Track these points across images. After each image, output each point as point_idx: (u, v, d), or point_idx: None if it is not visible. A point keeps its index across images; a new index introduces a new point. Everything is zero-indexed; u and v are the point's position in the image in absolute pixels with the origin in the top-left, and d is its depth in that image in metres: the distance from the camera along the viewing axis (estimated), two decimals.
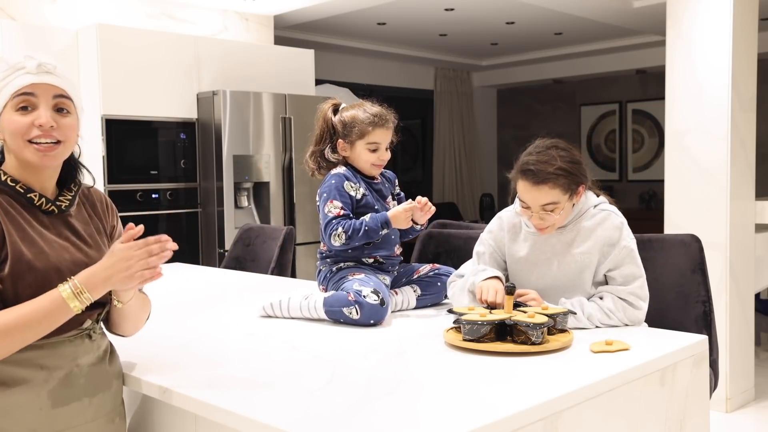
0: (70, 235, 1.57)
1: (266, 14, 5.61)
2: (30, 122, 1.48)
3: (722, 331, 3.88)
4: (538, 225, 2.03)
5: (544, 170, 1.95)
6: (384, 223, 2.21)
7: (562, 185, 1.96)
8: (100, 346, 1.60)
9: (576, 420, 1.45)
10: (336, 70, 7.66)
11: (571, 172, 1.98)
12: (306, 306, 2.14)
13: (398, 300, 2.26)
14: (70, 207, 1.57)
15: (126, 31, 4.48)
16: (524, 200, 2.01)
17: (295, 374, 1.59)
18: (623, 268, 2.03)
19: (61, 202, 1.56)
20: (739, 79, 3.93)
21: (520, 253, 2.13)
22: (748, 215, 4.06)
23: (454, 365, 1.64)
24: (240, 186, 4.78)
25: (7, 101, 1.49)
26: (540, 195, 1.97)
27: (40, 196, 1.53)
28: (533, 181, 1.96)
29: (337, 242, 2.21)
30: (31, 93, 1.49)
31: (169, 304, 2.46)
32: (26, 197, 1.51)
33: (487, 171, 9.80)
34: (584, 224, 2.07)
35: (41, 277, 1.46)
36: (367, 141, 2.28)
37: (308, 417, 1.31)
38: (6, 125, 1.49)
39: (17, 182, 1.51)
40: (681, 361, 1.77)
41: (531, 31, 7.10)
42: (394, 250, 2.36)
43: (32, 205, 1.52)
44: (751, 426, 3.78)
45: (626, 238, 2.04)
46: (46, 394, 1.47)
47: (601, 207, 2.09)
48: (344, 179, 2.28)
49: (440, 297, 2.35)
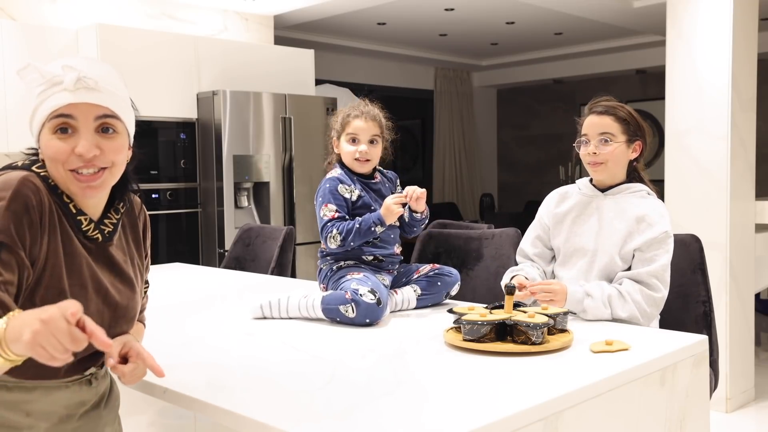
0: (106, 269, 1.36)
1: (266, 14, 5.61)
2: (70, 150, 1.25)
3: (722, 331, 3.88)
4: (593, 158, 2.20)
5: (611, 106, 2.23)
6: (377, 220, 2.23)
7: (623, 123, 2.20)
8: (99, 390, 1.42)
9: (576, 420, 1.45)
10: (336, 70, 7.66)
11: (634, 117, 2.23)
12: (304, 305, 2.14)
13: (398, 299, 2.26)
14: (113, 235, 1.37)
15: (126, 31, 4.48)
16: (587, 132, 2.22)
17: (295, 374, 1.59)
18: (651, 248, 2.12)
19: (106, 226, 1.35)
20: (739, 79, 3.93)
21: (562, 208, 2.32)
22: (748, 215, 4.06)
23: (454, 365, 1.64)
24: (240, 186, 4.78)
25: (43, 122, 1.27)
26: (602, 123, 2.20)
27: (90, 221, 1.32)
28: (599, 111, 2.22)
29: (333, 244, 2.25)
30: (69, 115, 1.25)
31: (169, 304, 2.45)
32: (75, 219, 1.30)
33: (487, 171, 9.80)
34: (630, 198, 2.20)
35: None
36: (347, 132, 2.32)
37: (308, 417, 1.31)
38: (44, 149, 1.28)
39: (72, 200, 1.30)
40: (681, 361, 1.76)
41: (531, 31, 7.10)
42: (394, 249, 2.37)
43: (78, 228, 1.31)
44: (751, 426, 3.78)
45: (665, 224, 2.14)
46: None
47: (653, 196, 2.24)
48: (338, 182, 2.31)
49: (440, 297, 2.36)
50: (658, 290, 2.08)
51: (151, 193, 4.58)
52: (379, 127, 2.34)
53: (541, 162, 9.43)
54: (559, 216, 2.31)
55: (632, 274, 2.11)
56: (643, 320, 2.08)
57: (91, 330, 1.03)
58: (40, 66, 1.26)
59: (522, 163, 9.71)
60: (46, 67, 1.27)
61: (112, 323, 1.35)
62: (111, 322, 1.34)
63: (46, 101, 1.25)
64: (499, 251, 2.81)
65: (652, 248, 2.11)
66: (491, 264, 2.82)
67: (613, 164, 2.20)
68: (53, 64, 1.27)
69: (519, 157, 9.74)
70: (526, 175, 9.64)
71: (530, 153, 9.58)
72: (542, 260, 2.34)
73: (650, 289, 2.08)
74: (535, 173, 9.51)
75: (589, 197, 2.27)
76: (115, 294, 1.35)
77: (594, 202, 2.25)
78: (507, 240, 2.79)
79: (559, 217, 2.31)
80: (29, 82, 1.27)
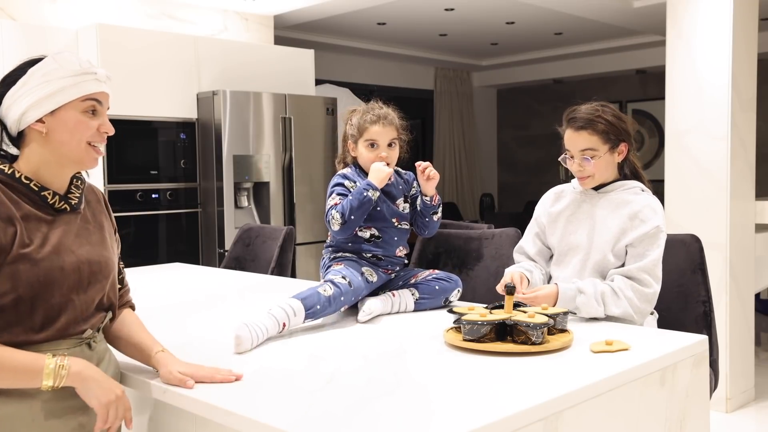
0: (78, 232, 1.55)
1: (266, 14, 5.61)
2: (96, 127, 1.53)
3: (722, 331, 3.88)
4: (578, 173, 2.20)
5: (586, 118, 2.16)
6: (366, 186, 2.22)
7: (602, 133, 2.15)
8: (97, 354, 1.58)
9: (576, 420, 1.45)
10: (336, 70, 7.66)
11: (613, 123, 2.16)
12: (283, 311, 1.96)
13: (396, 302, 2.25)
14: (80, 204, 1.57)
15: (126, 31, 4.48)
16: (568, 147, 2.21)
17: (295, 374, 1.59)
18: (643, 244, 2.11)
19: (71, 198, 1.56)
20: (739, 79, 3.93)
21: (557, 207, 2.31)
22: (748, 215, 4.06)
23: (454, 365, 1.64)
24: (240, 186, 4.78)
25: (71, 100, 1.49)
26: (580, 140, 2.16)
27: (54, 194, 1.52)
28: (575, 126, 2.18)
29: (336, 226, 2.23)
30: (98, 100, 1.53)
31: (169, 304, 2.45)
32: (40, 195, 1.50)
33: (487, 171, 9.80)
34: (623, 195, 2.19)
35: (42, 276, 1.44)
36: (365, 138, 2.31)
37: (308, 417, 1.31)
38: (69, 124, 1.50)
39: (30, 180, 1.50)
40: (681, 361, 1.76)
41: (531, 31, 7.10)
42: (395, 251, 2.36)
43: (45, 203, 1.51)
44: (751, 426, 3.78)
45: (657, 219, 2.13)
46: (40, 405, 1.45)
47: (647, 192, 2.22)
48: (343, 178, 2.32)
49: (439, 302, 2.33)
50: (649, 285, 2.08)
51: (151, 193, 4.58)
52: (396, 130, 2.34)
53: (541, 162, 9.43)
54: (554, 215, 2.32)
55: (623, 270, 2.11)
56: (637, 317, 2.09)
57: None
58: (66, 58, 1.51)
59: (522, 163, 9.71)
60: (70, 59, 1.51)
61: (91, 279, 1.53)
62: (90, 279, 1.53)
63: (79, 85, 1.49)
64: (499, 251, 2.81)
65: (643, 244, 2.12)
66: (491, 264, 2.82)
67: (600, 175, 2.20)
68: (74, 58, 1.52)
69: (519, 157, 9.74)
70: (526, 175, 9.64)
71: (530, 153, 9.58)
72: (542, 258, 2.35)
73: (641, 285, 2.08)
74: (535, 173, 9.51)
75: (583, 196, 2.28)
76: (89, 253, 1.54)
77: (588, 201, 2.26)
78: (507, 240, 2.79)
79: (554, 216, 2.32)
80: (63, 62, 1.49)
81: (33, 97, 1.47)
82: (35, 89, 1.48)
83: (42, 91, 1.47)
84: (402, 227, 2.37)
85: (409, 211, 2.40)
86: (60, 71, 1.48)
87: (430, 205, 2.37)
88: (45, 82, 1.48)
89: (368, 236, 2.31)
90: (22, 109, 1.48)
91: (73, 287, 1.49)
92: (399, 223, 2.36)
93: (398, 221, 2.35)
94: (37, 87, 1.48)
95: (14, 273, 1.42)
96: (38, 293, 1.44)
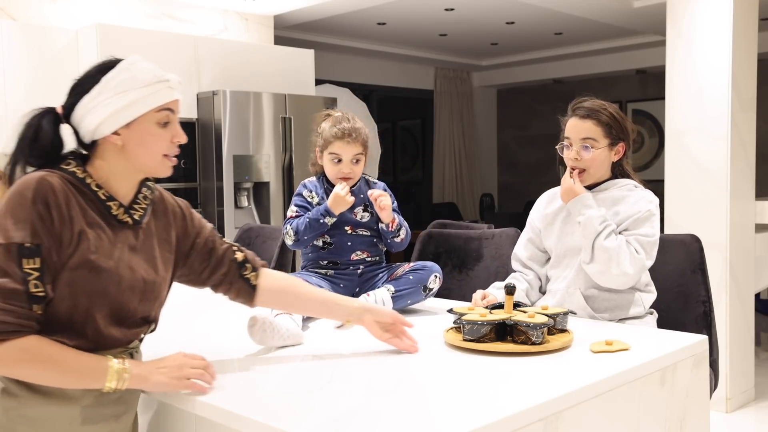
0: (136, 249, 1.51)
1: (266, 14, 5.61)
2: (170, 138, 1.50)
3: (722, 331, 3.88)
4: (573, 162, 2.21)
5: (593, 109, 2.20)
6: (324, 212, 2.28)
7: (605, 126, 2.18)
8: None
9: (576, 420, 1.45)
10: (336, 70, 7.66)
11: (617, 119, 2.20)
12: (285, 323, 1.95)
13: (371, 301, 2.18)
14: (143, 218, 1.53)
15: (126, 31, 4.48)
16: (569, 135, 2.22)
17: (295, 374, 1.59)
18: (635, 224, 2.12)
19: (135, 211, 1.52)
20: (739, 79, 3.93)
21: (551, 209, 2.31)
22: (748, 215, 4.06)
23: (454, 365, 1.64)
24: (240, 186, 4.78)
25: (149, 111, 1.46)
26: (583, 128, 2.19)
27: (120, 205, 1.49)
28: (580, 114, 2.20)
29: (289, 240, 2.32)
30: (171, 109, 1.50)
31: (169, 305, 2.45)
32: (105, 205, 1.47)
33: (487, 171, 9.80)
34: (617, 192, 2.20)
35: (101, 287, 1.42)
36: (330, 151, 2.34)
37: (308, 417, 1.31)
38: (144, 137, 1.47)
39: (100, 188, 1.47)
40: (681, 361, 1.76)
41: (531, 31, 7.10)
42: (350, 256, 2.36)
43: (108, 213, 1.47)
44: (751, 426, 3.78)
45: (650, 206, 2.14)
46: (79, 410, 1.43)
47: (641, 187, 2.23)
48: (303, 188, 2.41)
49: (418, 293, 2.28)
50: (638, 252, 2.08)
51: None
52: (362, 146, 2.35)
53: (541, 162, 9.43)
54: (549, 217, 2.31)
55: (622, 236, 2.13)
56: (619, 276, 2.06)
57: None
58: (138, 63, 1.49)
59: (522, 163, 9.71)
60: (142, 65, 1.49)
61: (141, 297, 1.51)
62: (141, 297, 1.51)
63: (154, 95, 1.46)
64: (499, 251, 2.81)
65: (635, 224, 2.12)
66: (491, 264, 2.82)
67: (594, 170, 2.20)
68: (146, 63, 1.51)
69: (519, 157, 9.74)
70: (526, 175, 9.64)
71: (530, 153, 9.58)
72: (536, 263, 2.34)
73: (632, 251, 2.08)
74: (535, 173, 9.51)
75: None
76: (146, 272, 1.51)
77: None
78: (507, 240, 2.79)
79: (549, 219, 2.31)
80: (137, 71, 1.46)
81: (108, 108, 1.44)
82: (110, 100, 1.44)
83: (118, 103, 1.44)
84: (358, 233, 2.38)
85: (368, 220, 2.39)
86: (135, 81, 1.45)
87: (388, 231, 2.38)
88: (121, 93, 1.44)
89: (321, 244, 2.37)
90: (98, 120, 1.44)
91: (126, 303, 1.48)
92: (353, 231, 2.37)
93: (352, 229, 2.37)
94: (113, 98, 1.44)
95: (73, 280, 1.39)
96: (94, 303, 1.42)
